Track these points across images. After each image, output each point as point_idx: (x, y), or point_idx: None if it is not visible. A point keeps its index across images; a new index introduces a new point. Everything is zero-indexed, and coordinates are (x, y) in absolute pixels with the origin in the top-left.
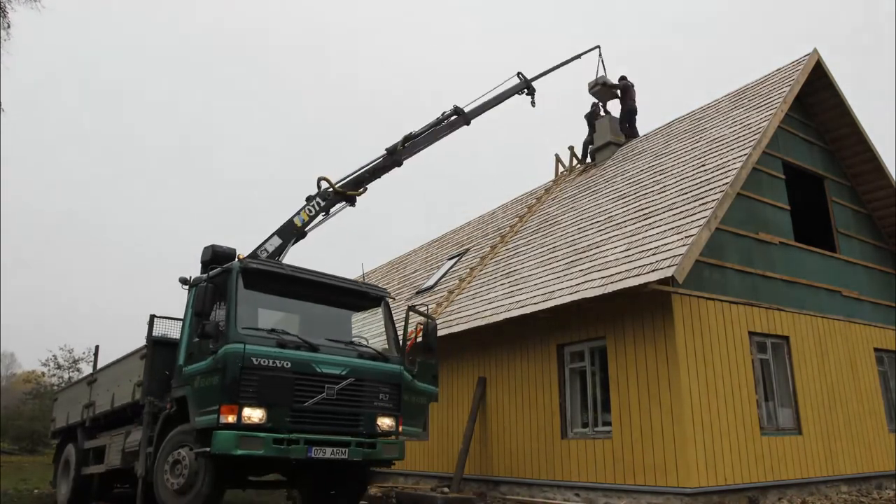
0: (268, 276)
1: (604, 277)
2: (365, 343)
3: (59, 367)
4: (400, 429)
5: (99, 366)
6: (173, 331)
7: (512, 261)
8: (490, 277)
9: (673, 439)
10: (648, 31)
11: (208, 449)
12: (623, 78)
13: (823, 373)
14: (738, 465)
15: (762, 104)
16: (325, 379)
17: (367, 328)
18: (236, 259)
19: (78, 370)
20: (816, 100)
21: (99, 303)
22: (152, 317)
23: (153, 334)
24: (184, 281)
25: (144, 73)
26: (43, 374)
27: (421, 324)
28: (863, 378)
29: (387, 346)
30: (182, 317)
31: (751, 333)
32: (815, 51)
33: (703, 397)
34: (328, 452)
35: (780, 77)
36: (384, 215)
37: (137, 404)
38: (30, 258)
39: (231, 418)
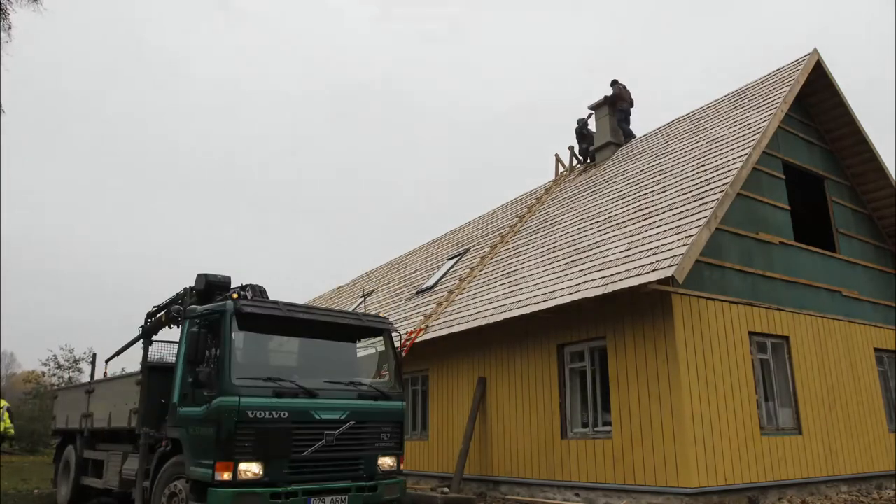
0: (263, 318)
1: (604, 277)
2: (366, 383)
3: (59, 366)
4: (402, 467)
5: (97, 375)
6: (171, 346)
7: (512, 261)
8: (490, 277)
9: (673, 439)
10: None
11: None
12: (615, 82)
13: (823, 373)
14: (738, 465)
15: (762, 104)
16: (325, 425)
17: (370, 350)
18: (230, 299)
19: (79, 370)
20: (816, 100)
21: (99, 302)
22: (147, 341)
23: (149, 359)
24: (177, 313)
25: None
26: (43, 374)
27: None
28: (863, 378)
29: (387, 379)
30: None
31: (751, 333)
32: (816, 51)
33: (703, 397)
34: (328, 502)
35: (780, 77)
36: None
37: (134, 431)
38: (30, 257)
39: (226, 475)
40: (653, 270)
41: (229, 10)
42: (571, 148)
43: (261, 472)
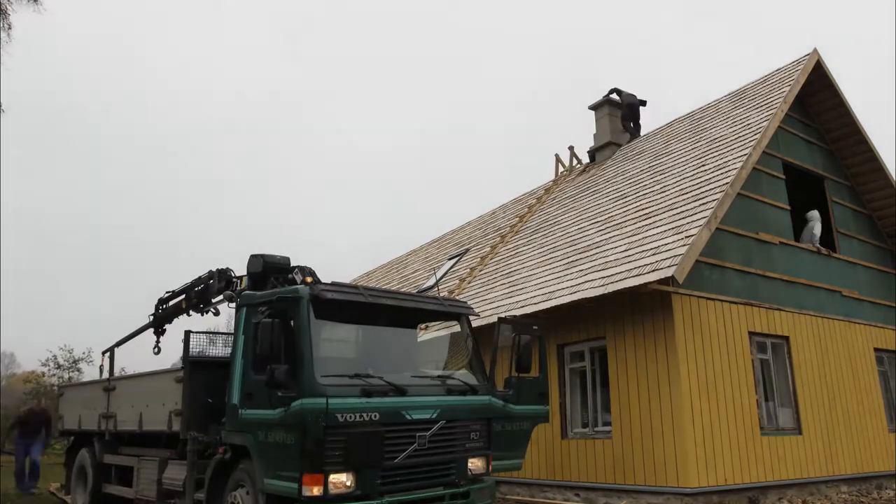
0: (343, 305)
1: (604, 277)
2: (455, 377)
3: (58, 367)
4: (489, 469)
5: (97, 368)
6: (208, 344)
7: (512, 261)
8: (490, 277)
9: (673, 439)
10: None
11: None
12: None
13: (823, 373)
14: (738, 465)
15: (762, 104)
16: (416, 426)
17: (428, 342)
18: (300, 279)
19: (78, 370)
20: (816, 100)
21: (98, 302)
22: (188, 333)
23: (190, 353)
24: (230, 298)
25: None
26: (43, 374)
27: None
28: (863, 378)
29: (467, 370)
30: (222, 333)
31: (751, 333)
32: (816, 51)
33: (703, 397)
34: None
35: (780, 77)
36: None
37: (174, 435)
38: (28, 258)
39: (316, 490)
40: (653, 270)
41: None
42: (571, 148)
43: (353, 484)
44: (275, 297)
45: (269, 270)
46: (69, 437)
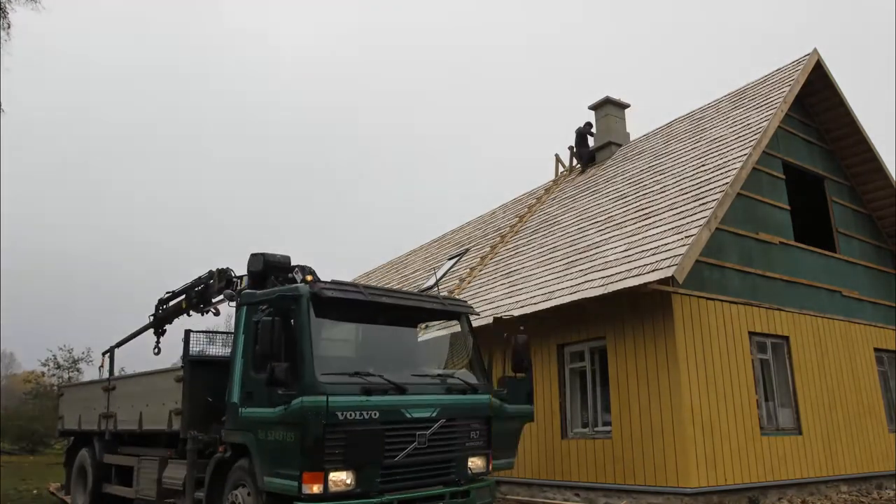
0: (343, 303)
1: (604, 277)
2: (455, 376)
3: (58, 367)
4: (490, 467)
5: (96, 368)
6: (207, 343)
7: (512, 261)
8: (490, 277)
9: (673, 439)
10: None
11: None
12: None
13: (823, 373)
14: (738, 465)
15: (762, 104)
16: (416, 425)
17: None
18: (300, 278)
19: (77, 370)
20: (816, 100)
21: (98, 303)
22: (188, 332)
23: (190, 352)
24: (230, 297)
25: None
26: (42, 374)
27: (511, 336)
28: (863, 378)
29: (467, 369)
30: (222, 332)
31: (751, 333)
32: (815, 51)
33: (703, 397)
34: None
35: (780, 77)
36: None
37: (175, 434)
38: (28, 257)
39: (316, 488)
40: (653, 270)
41: None
42: (571, 148)
43: (352, 482)
44: (275, 295)
45: (269, 269)
46: (69, 437)
